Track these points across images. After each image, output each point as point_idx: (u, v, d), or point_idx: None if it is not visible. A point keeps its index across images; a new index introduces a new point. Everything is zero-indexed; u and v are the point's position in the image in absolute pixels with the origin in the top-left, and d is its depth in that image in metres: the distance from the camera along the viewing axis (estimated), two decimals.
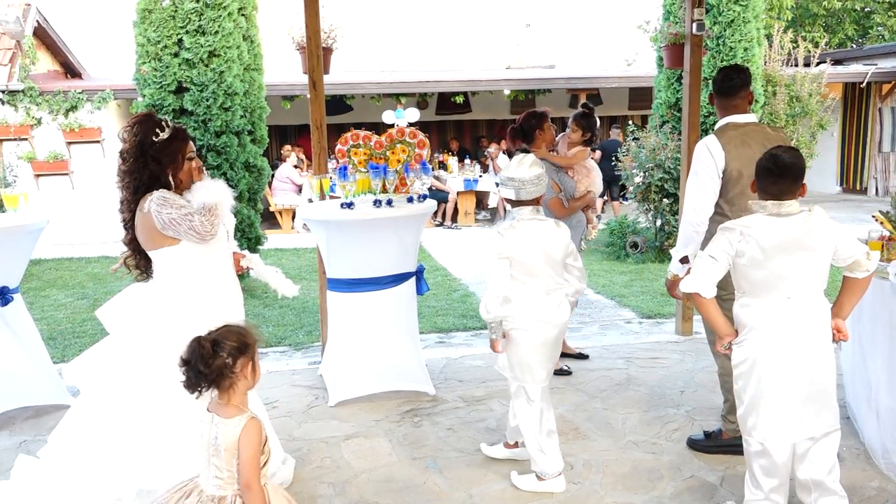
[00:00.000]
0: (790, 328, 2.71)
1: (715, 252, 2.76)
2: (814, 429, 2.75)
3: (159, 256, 2.98)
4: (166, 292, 3.00)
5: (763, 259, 2.68)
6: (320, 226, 4.31)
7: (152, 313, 3.00)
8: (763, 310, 2.74)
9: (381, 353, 4.36)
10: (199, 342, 2.24)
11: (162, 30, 6.88)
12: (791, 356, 2.70)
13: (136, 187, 2.94)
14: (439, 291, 7.41)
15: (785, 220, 2.71)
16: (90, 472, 2.94)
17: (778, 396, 2.72)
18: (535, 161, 3.29)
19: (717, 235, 2.80)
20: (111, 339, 3.10)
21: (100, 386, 3.02)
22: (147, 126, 2.94)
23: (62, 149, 11.11)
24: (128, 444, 2.92)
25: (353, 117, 13.54)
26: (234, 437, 2.25)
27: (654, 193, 8.77)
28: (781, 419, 2.73)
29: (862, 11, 19.97)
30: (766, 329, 2.73)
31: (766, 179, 2.74)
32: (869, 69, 13.69)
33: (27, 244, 4.31)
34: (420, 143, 4.64)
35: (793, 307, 2.71)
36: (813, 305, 2.74)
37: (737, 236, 2.72)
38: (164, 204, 2.86)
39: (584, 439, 3.85)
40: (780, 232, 2.69)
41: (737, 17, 9.06)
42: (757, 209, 2.77)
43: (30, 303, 6.13)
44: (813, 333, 2.74)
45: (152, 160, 2.92)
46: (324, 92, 4.93)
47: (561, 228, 3.32)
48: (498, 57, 16.91)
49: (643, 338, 5.74)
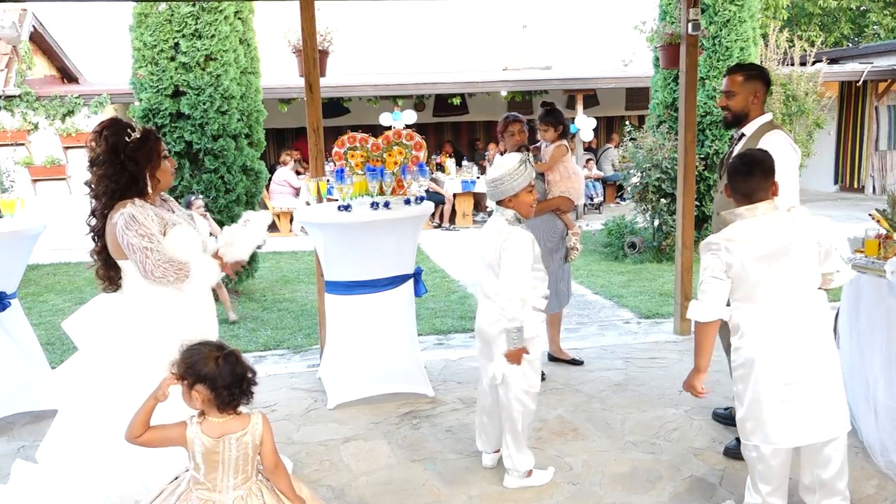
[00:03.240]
0: (786, 330, 2.71)
1: (715, 272, 2.73)
2: (818, 433, 2.73)
3: (129, 266, 2.90)
4: (135, 303, 2.93)
5: (751, 268, 2.69)
6: (318, 229, 4.31)
7: (121, 325, 2.94)
8: (757, 313, 2.73)
9: (379, 356, 4.35)
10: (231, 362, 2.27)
11: (158, 34, 6.89)
12: (788, 358, 2.70)
13: (112, 192, 2.86)
14: (437, 293, 7.40)
15: (764, 223, 2.71)
16: (86, 479, 2.93)
17: (776, 400, 2.71)
18: (503, 164, 3.24)
19: (706, 256, 2.77)
20: (81, 354, 3.03)
21: (76, 400, 2.98)
22: (117, 129, 2.88)
23: (59, 154, 11.12)
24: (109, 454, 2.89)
25: (350, 120, 13.55)
26: (258, 438, 2.30)
27: (651, 193, 8.77)
28: (780, 423, 2.72)
29: (857, 10, 20.01)
30: (762, 332, 2.73)
31: (736, 178, 2.76)
32: (865, 68, 13.71)
33: (24, 249, 4.30)
34: (417, 145, 4.65)
35: (787, 308, 2.71)
36: (807, 304, 2.74)
37: (723, 251, 2.71)
38: (129, 226, 2.79)
39: (583, 440, 3.85)
40: (763, 239, 2.69)
41: (732, 16, 9.07)
42: (732, 218, 2.78)
43: (27, 308, 6.12)
44: (810, 333, 2.73)
45: (129, 160, 2.85)
46: (320, 95, 4.93)
47: (500, 232, 3.21)
48: (494, 58, 16.92)
49: (641, 338, 5.74)
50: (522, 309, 3.11)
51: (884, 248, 3.51)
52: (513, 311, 3.10)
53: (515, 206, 3.26)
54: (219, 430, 2.28)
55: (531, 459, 3.40)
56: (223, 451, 2.26)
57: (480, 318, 3.40)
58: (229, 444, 2.27)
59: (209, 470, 2.28)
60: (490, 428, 3.51)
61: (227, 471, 2.28)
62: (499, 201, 3.29)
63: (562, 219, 4.71)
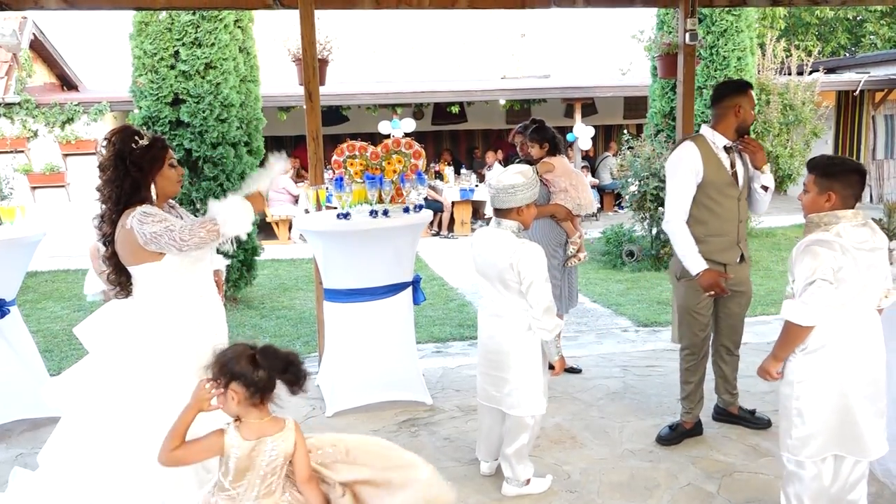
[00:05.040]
0: (864, 342, 2.65)
1: (826, 273, 2.56)
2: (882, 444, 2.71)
3: (140, 273, 2.91)
4: (147, 310, 2.94)
5: (855, 273, 2.59)
6: (317, 236, 4.32)
7: (133, 332, 2.93)
8: (846, 322, 2.63)
9: (378, 364, 4.36)
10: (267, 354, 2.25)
11: (158, 42, 6.91)
12: (866, 372, 2.65)
13: (117, 198, 2.88)
14: (436, 301, 7.41)
15: (865, 229, 2.66)
16: (87, 487, 2.92)
17: (854, 416, 2.63)
18: (522, 172, 3.17)
19: (818, 254, 2.58)
20: (91, 358, 3.03)
21: (82, 406, 2.98)
22: (125, 135, 2.91)
23: (58, 161, 11.14)
24: (114, 462, 2.89)
25: (349, 128, 13.58)
26: (291, 445, 2.26)
27: (649, 202, 8.79)
28: (864, 435, 2.66)
29: (854, 20, 20.12)
30: (850, 341, 2.64)
31: (850, 179, 2.67)
32: (862, 77, 13.77)
33: (23, 256, 4.31)
34: (416, 153, 4.67)
35: (865, 320, 2.66)
36: (875, 319, 2.71)
37: (839, 252, 2.57)
38: (145, 220, 2.80)
39: (581, 448, 3.86)
40: (868, 245, 2.63)
41: (730, 26, 9.13)
42: (833, 221, 2.65)
43: (26, 315, 6.11)
44: (878, 349, 2.70)
45: (133, 167, 2.87)
46: (320, 103, 4.95)
47: (509, 245, 3.14)
48: (493, 67, 16.99)
49: (639, 346, 5.75)
50: (552, 319, 3.13)
51: None
52: (550, 323, 3.13)
53: (521, 217, 3.19)
54: (256, 432, 2.24)
55: (530, 468, 3.40)
56: (257, 457, 2.23)
57: (491, 336, 3.30)
58: (264, 449, 2.23)
59: (237, 478, 2.24)
60: (493, 439, 3.50)
61: (254, 479, 2.24)
62: (503, 211, 3.19)
63: (560, 226, 4.72)
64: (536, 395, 3.26)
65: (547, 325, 3.13)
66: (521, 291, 3.14)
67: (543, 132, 4.77)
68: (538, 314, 3.11)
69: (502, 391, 3.29)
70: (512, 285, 3.15)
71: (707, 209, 3.67)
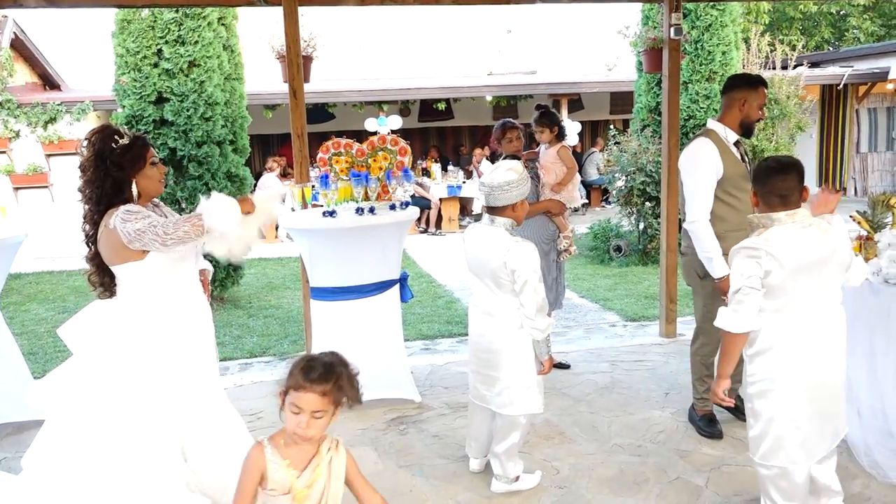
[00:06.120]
0: (814, 345, 2.61)
1: (752, 280, 2.53)
2: (833, 441, 2.70)
3: (123, 272, 2.88)
4: (131, 310, 2.91)
5: (790, 278, 2.54)
6: (303, 235, 4.29)
7: (117, 332, 2.91)
8: (787, 326, 2.60)
9: (365, 361, 4.26)
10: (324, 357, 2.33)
11: (141, 40, 6.85)
12: (817, 374, 2.61)
13: (98, 198, 2.86)
14: (424, 298, 7.40)
15: (805, 231, 2.58)
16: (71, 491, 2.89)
17: (802, 418, 2.61)
18: (513, 168, 3.15)
19: (743, 261, 2.56)
20: (75, 360, 2.99)
21: (66, 408, 2.95)
22: (105, 135, 2.89)
23: (41, 161, 11.03)
24: (100, 465, 2.86)
25: (335, 125, 13.54)
26: (344, 466, 2.30)
27: (636, 197, 8.82)
28: (805, 441, 2.63)
29: (838, 14, 20.27)
30: (791, 347, 2.60)
31: (773, 178, 2.61)
32: (845, 71, 13.87)
33: (6, 258, 4.25)
34: (402, 150, 4.64)
35: (815, 322, 2.61)
36: (832, 317, 2.67)
37: (764, 257, 2.52)
38: (128, 217, 2.77)
39: (570, 443, 3.86)
40: (805, 248, 2.55)
41: (714, 21, 9.16)
42: (767, 223, 2.59)
43: (9, 317, 6.05)
44: (834, 348, 2.67)
45: (114, 166, 2.84)
46: (304, 100, 4.92)
47: (503, 243, 3.10)
48: (479, 63, 16.99)
49: (627, 341, 5.76)
50: (545, 318, 3.12)
51: (865, 249, 3.55)
52: (542, 322, 3.11)
53: (514, 214, 3.16)
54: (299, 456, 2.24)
55: (520, 465, 3.39)
56: (300, 479, 2.22)
57: (482, 335, 3.28)
58: (310, 470, 2.24)
59: None
60: (483, 437, 3.49)
61: None
62: (496, 208, 3.15)
63: (553, 221, 4.72)
64: (529, 394, 3.24)
65: (539, 325, 3.12)
66: (513, 290, 3.12)
67: (552, 116, 4.81)
68: (531, 313, 3.10)
69: (493, 390, 3.27)
70: (504, 283, 3.13)
71: (726, 205, 3.63)
